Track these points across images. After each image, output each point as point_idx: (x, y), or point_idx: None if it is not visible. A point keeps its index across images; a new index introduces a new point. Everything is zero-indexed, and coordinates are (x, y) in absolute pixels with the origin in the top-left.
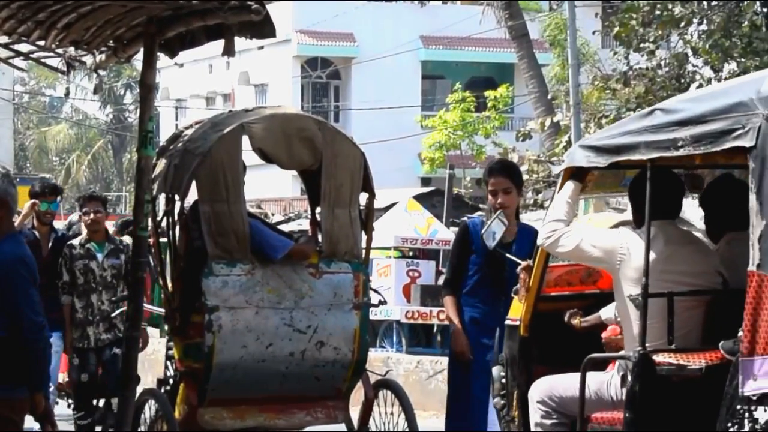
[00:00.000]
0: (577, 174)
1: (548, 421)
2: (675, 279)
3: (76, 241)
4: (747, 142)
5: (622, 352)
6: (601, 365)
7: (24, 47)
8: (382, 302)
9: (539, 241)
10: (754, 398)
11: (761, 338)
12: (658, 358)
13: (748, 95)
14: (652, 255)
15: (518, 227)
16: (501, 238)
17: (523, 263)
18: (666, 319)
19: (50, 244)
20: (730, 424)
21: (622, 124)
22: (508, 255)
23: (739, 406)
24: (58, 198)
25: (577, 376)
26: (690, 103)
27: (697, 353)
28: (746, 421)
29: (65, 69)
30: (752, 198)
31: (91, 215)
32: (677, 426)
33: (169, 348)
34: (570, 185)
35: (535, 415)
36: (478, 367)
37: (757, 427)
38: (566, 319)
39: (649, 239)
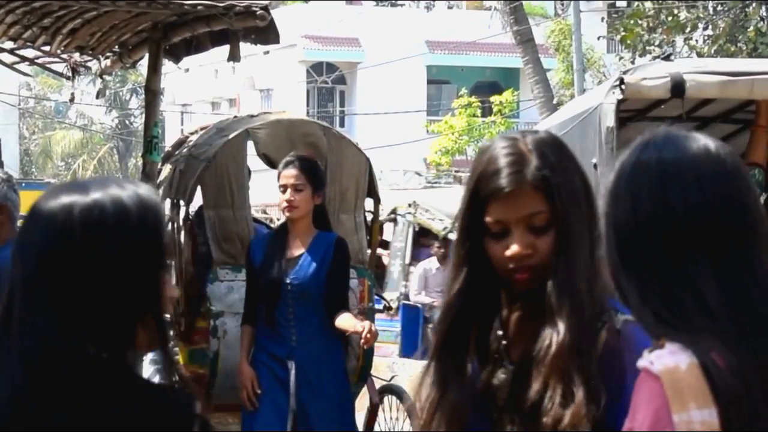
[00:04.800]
0: None
1: None
2: None
3: None
4: None
5: None
6: None
7: (29, 53)
8: (387, 308)
9: None
10: None
11: None
12: None
13: (550, 123)
14: None
15: (314, 237)
16: (286, 253)
17: None
18: None
19: None
20: None
21: None
22: None
23: None
24: None
25: None
26: (535, 129)
27: None
28: None
29: (70, 74)
30: None
31: None
32: None
33: (174, 353)
34: None
35: None
36: (272, 405)
37: None
38: None
39: None
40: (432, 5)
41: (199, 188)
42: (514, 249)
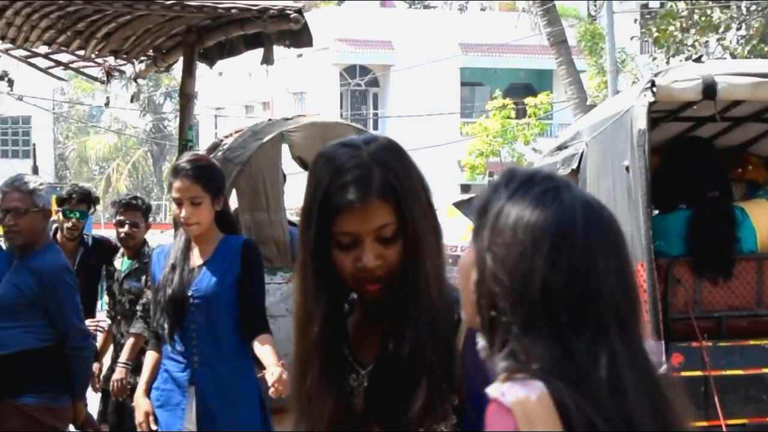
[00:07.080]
0: None
1: None
2: None
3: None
4: (575, 165)
5: None
6: None
7: (64, 57)
8: None
9: None
10: None
11: None
12: None
13: (583, 125)
14: None
15: (218, 243)
16: (188, 263)
17: None
18: None
19: (77, 262)
20: None
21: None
22: None
23: None
24: (90, 209)
25: None
26: (568, 129)
27: None
28: None
29: (105, 78)
30: None
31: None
32: None
33: None
34: None
35: None
36: None
37: None
38: None
39: None
40: (465, 7)
41: (234, 192)
42: (365, 261)
